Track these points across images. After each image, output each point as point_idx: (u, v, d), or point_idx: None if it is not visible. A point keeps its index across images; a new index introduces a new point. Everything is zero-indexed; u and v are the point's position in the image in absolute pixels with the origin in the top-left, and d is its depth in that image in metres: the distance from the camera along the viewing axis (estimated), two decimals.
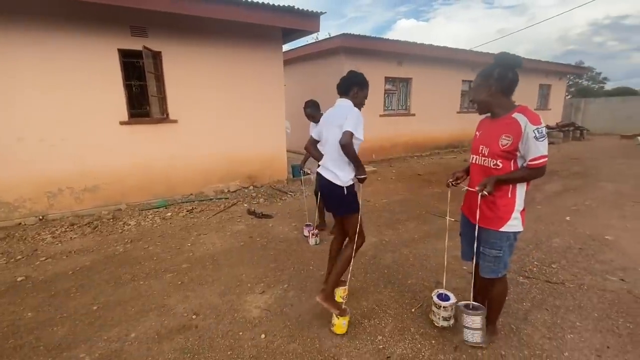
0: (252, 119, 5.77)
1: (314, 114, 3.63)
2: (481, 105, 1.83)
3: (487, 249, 1.84)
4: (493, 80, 1.73)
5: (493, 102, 1.77)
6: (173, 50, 4.90)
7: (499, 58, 1.76)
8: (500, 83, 1.72)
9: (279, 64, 5.87)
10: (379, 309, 2.38)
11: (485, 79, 1.76)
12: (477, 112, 1.98)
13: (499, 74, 1.72)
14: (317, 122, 3.62)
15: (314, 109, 3.65)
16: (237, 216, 4.52)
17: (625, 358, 1.87)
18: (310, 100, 3.69)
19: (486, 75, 1.76)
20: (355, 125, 1.99)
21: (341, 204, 2.18)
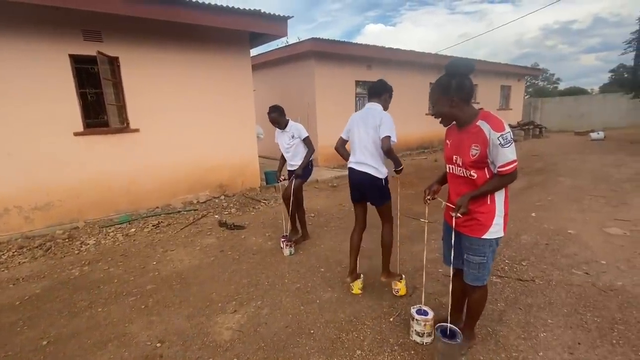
0: (221, 126, 5.56)
1: (279, 119, 3.48)
2: (446, 118, 1.80)
3: (471, 255, 1.82)
4: (452, 91, 1.68)
5: (457, 113, 1.74)
6: (132, 56, 4.62)
7: (451, 67, 1.72)
8: (459, 93, 1.68)
9: (248, 68, 5.71)
10: (357, 321, 2.31)
11: (443, 91, 1.71)
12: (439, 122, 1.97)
13: (457, 85, 1.67)
14: (282, 128, 3.52)
15: (278, 114, 3.48)
16: (207, 229, 4.30)
17: (595, 353, 1.91)
18: (274, 106, 3.53)
19: (444, 88, 1.70)
20: (392, 130, 2.35)
21: (382, 193, 2.51)
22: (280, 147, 3.68)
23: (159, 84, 4.88)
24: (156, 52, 4.79)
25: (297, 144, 3.55)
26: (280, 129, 3.57)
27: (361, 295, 2.64)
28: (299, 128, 3.54)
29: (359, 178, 2.50)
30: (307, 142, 3.54)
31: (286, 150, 3.63)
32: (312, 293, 2.69)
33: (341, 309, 2.45)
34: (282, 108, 3.54)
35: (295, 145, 3.56)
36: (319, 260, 3.27)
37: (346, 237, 3.84)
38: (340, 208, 5.03)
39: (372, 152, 2.42)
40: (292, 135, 3.52)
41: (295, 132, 3.51)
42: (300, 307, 2.49)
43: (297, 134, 3.51)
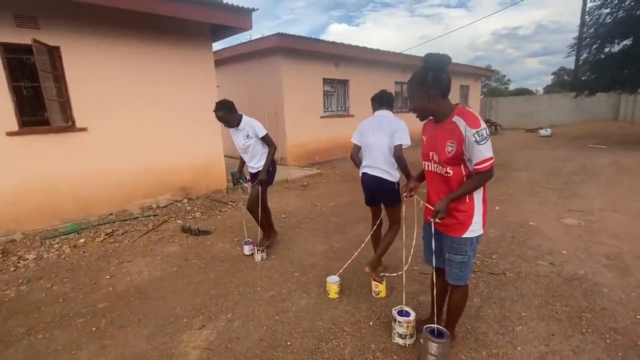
0: (182, 123, 5.19)
1: (228, 117, 3.05)
2: (422, 112, 1.74)
3: (452, 254, 1.78)
4: (429, 85, 1.61)
5: (433, 108, 1.67)
6: (77, 46, 4.13)
7: (428, 60, 1.66)
8: (436, 87, 1.62)
9: (210, 63, 5.38)
10: (336, 328, 2.19)
11: (420, 85, 1.64)
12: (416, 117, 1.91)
13: (433, 78, 1.61)
14: (234, 127, 3.13)
15: (226, 111, 3.02)
16: (168, 235, 3.97)
17: (568, 344, 1.96)
18: (220, 102, 3.04)
19: (421, 81, 1.64)
20: (407, 137, 2.48)
21: (393, 196, 2.54)
22: (236, 146, 3.30)
23: (110, 78, 4.42)
24: (106, 43, 4.33)
25: (254, 143, 3.16)
26: (232, 128, 3.17)
27: (338, 299, 2.53)
28: (254, 125, 3.13)
29: (372, 182, 2.56)
30: (267, 141, 3.18)
31: (243, 151, 3.27)
32: (287, 300, 2.53)
33: (318, 316, 2.32)
34: (230, 104, 3.06)
35: (252, 146, 3.17)
36: (293, 265, 3.12)
37: (320, 238, 3.74)
38: (312, 208, 4.90)
39: (385, 157, 2.50)
40: (247, 134, 3.12)
41: (249, 130, 3.11)
42: (275, 317, 2.32)
43: (253, 133, 3.12)
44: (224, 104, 3.05)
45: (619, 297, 2.40)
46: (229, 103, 3.07)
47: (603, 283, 2.59)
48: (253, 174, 3.33)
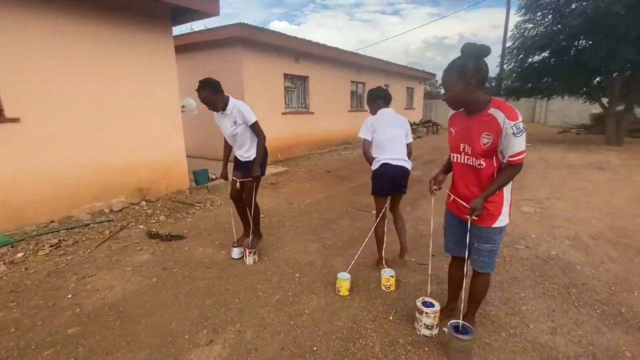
0: (139, 116, 4.58)
1: (213, 99, 2.70)
2: (459, 102, 1.73)
3: (482, 244, 1.81)
4: (470, 73, 1.61)
5: (471, 98, 1.68)
6: (5, 18, 3.35)
7: (467, 49, 1.67)
8: (476, 76, 1.62)
9: (169, 49, 4.84)
10: (357, 326, 2.11)
11: (460, 73, 1.62)
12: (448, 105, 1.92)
13: (474, 66, 1.61)
14: (219, 111, 2.80)
15: (212, 91, 2.67)
16: (133, 243, 3.46)
17: (569, 317, 2.16)
18: (205, 81, 2.67)
19: (461, 69, 1.62)
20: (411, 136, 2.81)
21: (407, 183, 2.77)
22: (221, 130, 2.97)
23: (49, 61, 3.68)
24: (43, 19, 3.60)
25: (242, 131, 2.85)
26: (216, 112, 2.84)
27: (349, 296, 2.44)
28: (244, 110, 2.77)
29: (397, 172, 2.65)
30: (256, 129, 2.86)
31: (230, 138, 2.96)
32: (297, 303, 2.37)
33: (336, 316, 2.21)
34: (217, 83, 2.71)
35: (240, 134, 2.85)
36: (290, 265, 2.94)
37: (309, 237, 3.60)
38: (289, 207, 4.72)
39: (404, 149, 2.71)
40: (235, 120, 2.80)
41: (238, 116, 2.79)
42: (290, 322, 2.15)
43: (242, 119, 2.80)
44: (209, 82, 2.69)
45: (591, 272, 2.73)
46: (215, 82, 2.72)
47: (574, 261, 2.93)
48: (241, 162, 3.03)
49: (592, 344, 1.91)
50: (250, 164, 2.90)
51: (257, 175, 2.87)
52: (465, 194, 1.83)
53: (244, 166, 2.99)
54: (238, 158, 3.04)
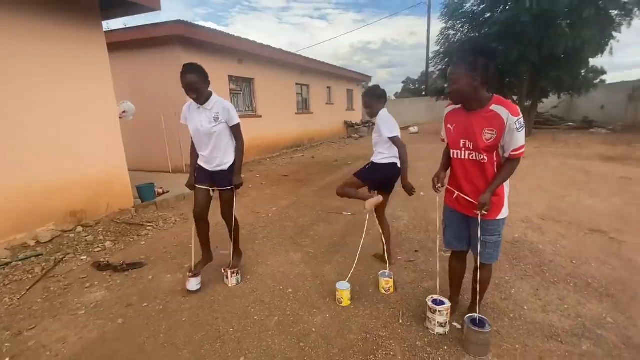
0: (65, 125, 3.83)
1: (200, 86, 2.33)
2: (462, 96, 1.76)
3: (488, 236, 1.86)
4: (479, 70, 1.65)
5: (475, 93, 1.72)
6: None
7: (479, 47, 1.73)
8: (484, 73, 1.67)
9: (101, 47, 4.14)
10: (372, 336, 2.01)
11: (469, 68, 1.66)
12: (451, 102, 1.95)
13: (483, 64, 1.66)
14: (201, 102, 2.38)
15: (199, 76, 2.32)
16: (78, 279, 2.86)
17: (551, 293, 2.37)
18: (192, 65, 2.34)
19: (471, 65, 1.66)
20: None
21: None
22: (191, 131, 2.50)
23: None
24: None
25: (221, 131, 2.45)
26: (198, 103, 2.41)
27: (352, 305, 2.34)
28: (229, 107, 2.45)
29: (396, 173, 2.65)
30: (237, 132, 2.53)
31: (204, 138, 2.45)
32: (300, 322, 2.18)
33: (346, 329, 2.09)
34: (204, 70, 2.36)
35: (218, 134, 2.44)
36: (278, 281, 2.72)
37: (289, 246, 3.40)
38: (256, 216, 4.42)
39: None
40: (216, 116, 2.40)
41: (221, 112, 2.41)
42: (300, 344, 1.96)
43: (225, 117, 2.43)
44: (198, 67, 2.35)
45: (552, 249, 3.06)
46: (202, 68, 2.36)
47: (535, 241, 3.25)
48: (210, 172, 2.56)
49: (579, 315, 2.11)
50: (223, 174, 2.55)
51: (240, 183, 2.57)
52: (469, 189, 1.86)
53: (214, 176, 2.57)
54: (205, 168, 2.57)
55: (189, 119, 2.50)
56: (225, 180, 2.55)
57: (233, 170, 2.56)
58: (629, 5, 8.89)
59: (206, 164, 2.56)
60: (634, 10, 9.05)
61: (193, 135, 2.53)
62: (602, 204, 4.27)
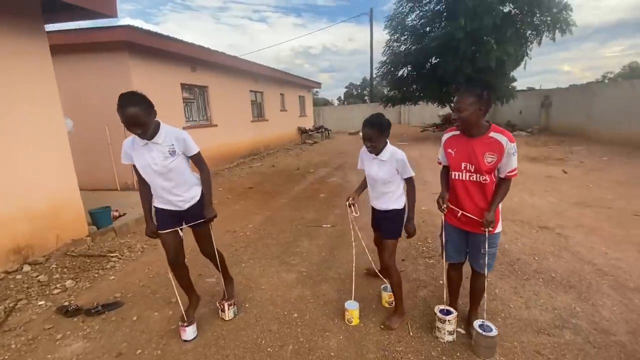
0: (4, 147, 3.26)
1: (147, 119, 1.91)
2: (468, 123, 1.94)
3: (490, 248, 2.05)
4: (484, 101, 1.86)
5: (478, 121, 1.92)
6: None
7: (481, 83, 1.93)
8: (487, 105, 1.89)
9: (44, 54, 3.59)
10: (390, 353, 2.09)
11: (477, 99, 1.85)
12: (451, 129, 2.13)
13: (487, 97, 1.87)
14: (148, 138, 1.99)
15: (145, 108, 1.91)
16: (42, 331, 2.46)
17: (528, 290, 2.69)
18: (132, 93, 1.92)
19: (478, 96, 1.85)
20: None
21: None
22: (140, 171, 2.11)
23: None
24: None
25: (180, 164, 2.10)
26: (144, 138, 1.98)
27: (361, 323, 2.40)
28: (184, 137, 2.10)
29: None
30: (200, 160, 2.22)
31: (158, 177, 2.09)
32: (316, 349, 2.17)
33: (364, 349, 2.14)
34: (147, 99, 1.95)
35: (177, 168, 2.10)
36: (280, 306, 2.66)
37: (278, 267, 3.35)
38: (234, 236, 4.24)
39: None
40: (171, 149, 2.05)
41: (176, 144, 2.07)
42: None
43: (181, 147, 2.09)
44: (141, 96, 1.91)
45: (516, 248, 3.48)
46: (146, 97, 1.94)
47: (500, 241, 3.64)
48: (173, 214, 2.22)
49: (555, 308, 2.46)
50: (193, 209, 2.23)
51: (214, 215, 2.26)
52: (471, 207, 2.05)
53: (182, 215, 2.24)
54: (166, 209, 2.21)
55: (134, 156, 2.08)
56: (197, 215, 2.24)
57: (203, 204, 2.25)
58: (540, 27, 10.47)
59: (167, 204, 2.20)
60: (543, 32, 10.68)
61: (143, 175, 2.12)
62: (541, 202, 4.97)
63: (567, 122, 11.37)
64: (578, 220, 4.14)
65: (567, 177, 6.44)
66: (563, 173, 6.70)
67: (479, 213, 2.01)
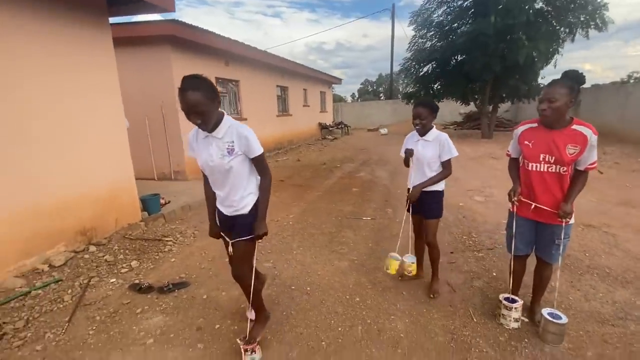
0: (71, 135, 3.46)
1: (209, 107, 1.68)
2: (559, 113, 1.94)
3: (565, 239, 2.10)
4: (574, 94, 1.90)
5: (565, 112, 1.96)
6: None
7: (573, 75, 1.96)
8: (576, 97, 1.93)
9: (108, 47, 3.80)
10: (458, 336, 2.18)
11: (569, 91, 1.89)
12: (526, 121, 2.20)
13: (577, 90, 1.91)
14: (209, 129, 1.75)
15: (208, 94, 1.67)
16: (122, 306, 2.64)
17: (583, 284, 2.73)
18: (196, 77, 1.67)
19: (569, 89, 1.89)
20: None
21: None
22: (200, 166, 1.90)
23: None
24: None
25: (239, 165, 1.84)
26: (205, 130, 1.76)
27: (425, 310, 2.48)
28: (249, 135, 1.80)
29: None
30: (262, 165, 1.91)
31: (217, 175, 1.86)
32: (385, 330, 2.27)
33: (431, 332, 2.23)
34: (212, 84, 1.72)
35: (236, 170, 1.83)
36: (340, 290, 2.76)
37: (329, 255, 3.48)
38: (278, 225, 4.38)
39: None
40: (230, 147, 1.79)
41: (238, 142, 1.80)
42: (398, 351, 2.07)
43: (242, 146, 1.81)
44: (205, 81, 1.67)
45: None
46: (211, 83, 1.72)
47: None
48: (227, 219, 1.97)
49: (615, 301, 2.49)
50: (242, 219, 1.92)
51: (264, 232, 1.90)
52: (547, 198, 2.10)
53: (233, 223, 1.96)
54: (220, 209, 1.99)
55: (196, 150, 1.89)
56: (244, 228, 1.91)
57: (255, 215, 1.92)
58: (573, 25, 10.22)
59: (223, 207, 1.97)
60: (576, 29, 10.42)
61: (204, 171, 1.93)
62: (582, 201, 4.90)
63: (598, 121, 11.05)
64: (624, 220, 4.12)
65: (604, 178, 6.34)
66: (599, 173, 6.59)
67: (554, 204, 2.05)
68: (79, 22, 3.45)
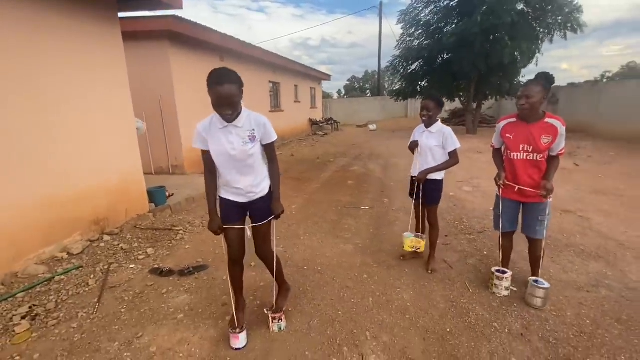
0: (91, 126, 3.57)
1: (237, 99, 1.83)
2: (534, 107, 2.28)
3: (545, 215, 2.43)
4: (547, 90, 2.25)
5: (539, 108, 2.30)
6: None
7: (545, 76, 2.28)
8: (547, 95, 2.27)
9: (117, 41, 3.89)
10: (457, 304, 2.48)
11: (542, 88, 2.23)
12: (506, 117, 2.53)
13: (548, 89, 2.26)
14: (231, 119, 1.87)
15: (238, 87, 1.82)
16: (147, 287, 2.82)
17: (563, 259, 3.10)
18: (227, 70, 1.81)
19: (543, 86, 2.23)
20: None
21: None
22: (214, 157, 1.94)
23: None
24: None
25: (258, 152, 1.99)
26: (227, 120, 1.86)
27: (425, 283, 2.78)
28: (264, 122, 1.97)
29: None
30: (273, 152, 2.08)
31: (236, 164, 1.95)
32: (393, 300, 2.55)
33: (434, 301, 2.53)
34: (240, 78, 1.85)
35: (255, 156, 1.97)
36: (348, 269, 3.03)
37: (334, 240, 3.75)
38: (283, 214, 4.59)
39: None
40: (252, 134, 1.92)
41: (257, 129, 1.94)
42: (407, 317, 2.35)
43: (261, 133, 1.96)
44: (235, 74, 1.79)
45: None
46: (239, 75, 1.83)
47: None
48: (237, 205, 2.07)
49: (589, 272, 2.86)
50: (261, 203, 2.07)
51: (282, 211, 2.12)
52: (528, 182, 2.43)
53: (246, 208, 2.10)
54: (233, 199, 2.05)
55: (210, 141, 1.91)
56: (263, 210, 2.07)
57: (272, 197, 2.10)
58: (551, 26, 10.80)
59: (235, 194, 2.04)
60: (554, 30, 11.02)
61: (217, 161, 1.95)
62: (560, 190, 5.35)
63: (574, 118, 11.76)
64: (597, 206, 4.56)
65: (579, 169, 6.86)
66: (575, 166, 7.12)
67: (535, 185, 2.38)
68: (92, 17, 3.54)
